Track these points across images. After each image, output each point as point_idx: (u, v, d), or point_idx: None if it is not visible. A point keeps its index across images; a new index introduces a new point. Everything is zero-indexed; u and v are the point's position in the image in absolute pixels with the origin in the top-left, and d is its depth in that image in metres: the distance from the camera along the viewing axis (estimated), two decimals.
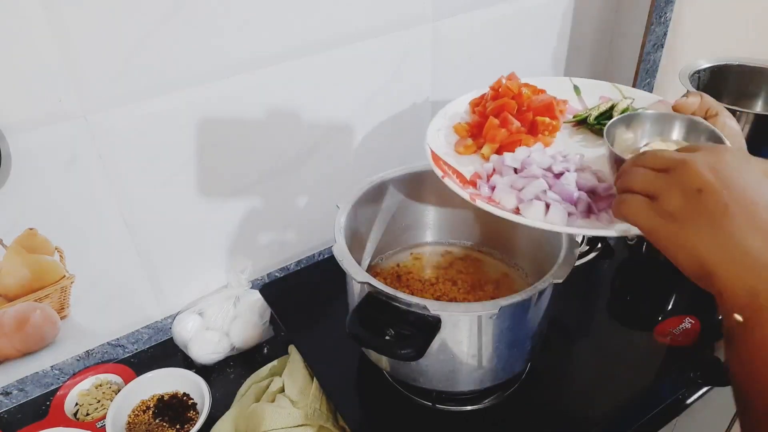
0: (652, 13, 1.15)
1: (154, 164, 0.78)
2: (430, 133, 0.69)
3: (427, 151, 0.66)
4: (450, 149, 0.69)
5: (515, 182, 0.60)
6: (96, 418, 0.80)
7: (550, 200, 0.57)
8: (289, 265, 1.01)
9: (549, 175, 0.60)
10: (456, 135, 0.70)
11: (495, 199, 0.60)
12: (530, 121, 0.68)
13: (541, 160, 0.61)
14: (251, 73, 0.79)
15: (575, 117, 0.71)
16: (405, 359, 0.60)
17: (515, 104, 0.68)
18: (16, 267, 0.74)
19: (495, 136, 0.66)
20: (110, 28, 0.66)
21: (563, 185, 0.57)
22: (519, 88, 0.70)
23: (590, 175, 0.60)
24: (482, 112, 0.70)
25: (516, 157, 0.63)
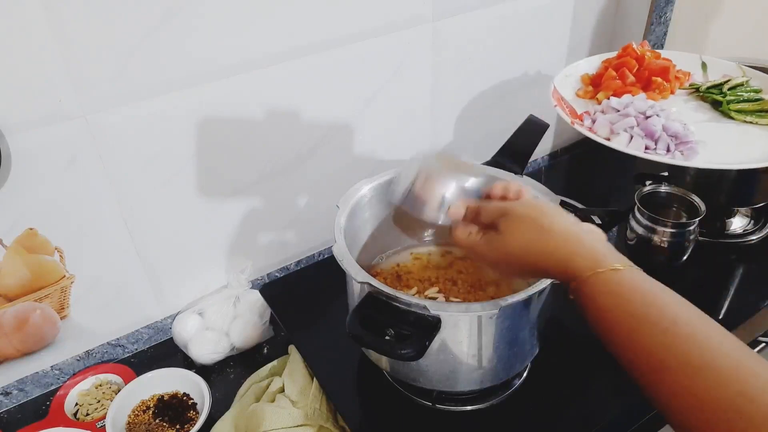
0: (652, 13, 1.15)
1: (154, 164, 0.78)
2: (559, 77, 0.82)
3: (551, 86, 0.78)
4: (572, 93, 0.81)
5: (613, 119, 0.71)
6: (96, 418, 0.80)
7: (635, 134, 0.68)
8: (289, 265, 1.01)
9: (641, 117, 0.70)
10: (581, 83, 0.82)
11: (594, 129, 0.71)
12: (645, 79, 0.78)
13: (640, 105, 0.71)
14: (251, 74, 0.79)
15: (692, 86, 0.80)
16: (405, 359, 0.60)
17: (635, 63, 0.78)
18: (16, 267, 0.74)
19: (610, 85, 0.77)
20: (110, 28, 0.66)
21: (649, 124, 0.68)
22: (644, 52, 0.80)
23: (679, 125, 0.69)
24: (607, 66, 0.82)
25: (621, 101, 0.73)
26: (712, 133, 0.70)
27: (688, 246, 0.92)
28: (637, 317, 0.46)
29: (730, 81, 0.77)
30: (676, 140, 0.68)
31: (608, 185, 1.18)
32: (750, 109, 0.72)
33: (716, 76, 0.81)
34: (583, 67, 0.84)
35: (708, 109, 0.76)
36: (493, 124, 1.11)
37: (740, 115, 0.72)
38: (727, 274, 0.95)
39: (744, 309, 0.87)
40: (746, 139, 0.70)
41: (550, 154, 1.29)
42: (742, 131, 0.72)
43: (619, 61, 0.80)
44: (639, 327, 0.45)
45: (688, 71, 0.82)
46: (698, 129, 0.71)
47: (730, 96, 0.74)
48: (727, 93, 0.75)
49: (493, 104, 1.09)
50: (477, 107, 1.08)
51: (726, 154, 0.67)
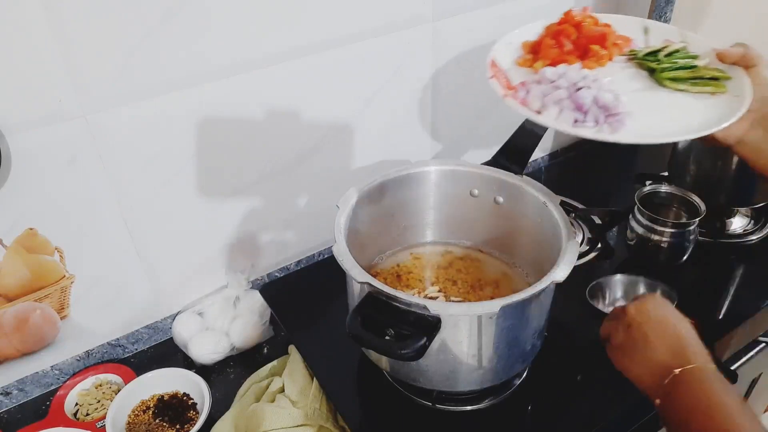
0: (652, 13, 1.15)
1: (154, 164, 0.78)
2: (499, 44, 0.78)
3: (489, 56, 0.75)
4: (512, 62, 0.78)
5: (546, 90, 0.68)
6: (96, 418, 0.80)
7: (564, 107, 0.66)
8: (289, 265, 1.01)
9: (573, 88, 0.68)
10: (522, 50, 0.79)
11: (527, 101, 0.69)
12: (583, 47, 0.76)
13: (573, 76, 0.70)
14: (251, 74, 0.79)
15: (630, 52, 0.77)
16: (405, 359, 0.60)
17: (574, 31, 0.76)
18: (16, 267, 0.74)
19: (548, 53, 0.75)
20: (110, 28, 0.66)
21: (579, 96, 0.66)
22: (584, 18, 0.78)
23: (611, 96, 0.67)
24: (547, 33, 0.79)
25: (555, 71, 0.71)
26: (643, 103, 0.68)
27: (688, 246, 0.92)
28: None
29: (667, 47, 0.75)
30: (606, 112, 0.66)
31: (608, 185, 1.18)
32: (684, 77, 0.70)
33: (659, 41, 0.78)
34: (525, 33, 0.82)
35: (644, 78, 0.73)
36: (493, 124, 1.11)
37: (673, 83, 0.71)
38: (727, 274, 0.95)
39: (744, 309, 0.87)
40: (677, 109, 0.68)
41: (550, 154, 1.29)
42: (674, 100, 0.69)
43: (559, 28, 0.78)
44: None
45: (630, 37, 0.79)
46: (631, 99, 0.68)
47: (665, 63, 0.72)
48: (663, 60, 0.73)
49: (493, 104, 1.09)
50: (477, 107, 1.08)
51: (654, 126, 0.65)
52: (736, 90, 0.68)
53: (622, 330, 0.65)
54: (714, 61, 0.72)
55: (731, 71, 0.70)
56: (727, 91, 0.68)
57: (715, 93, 0.69)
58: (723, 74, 0.70)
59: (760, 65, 0.68)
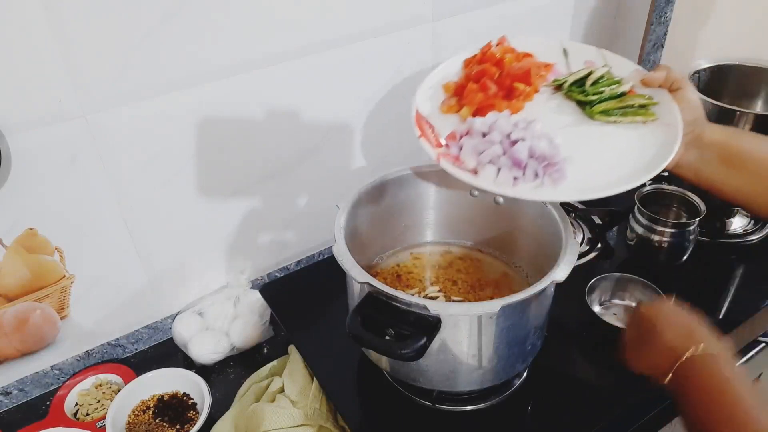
0: (652, 13, 1.15)
1: (154, 164, 0.78)
2: (420, 92, 0.72)
3: (412, 110, 0.69)
4: (437, 108, 0.72)
5: (479, 146, 0.64)
6: (96, 418, 0.80)
7: (502, 165, 0.62)
8: (289, 265, 1.01)
9: (507, 142, 0.64)
10: (445, 93, 0.73)
11: (461, 159, 0.64)
12: (507, 87, 0.71)
13: (505, 126, 0.65)
14: (251, 74, 0.79)
15: (554, 81, 0.74)
16: (405, 359, 0.60)
17: (496, 71, 0.71)
18: (16, 267, 0.74)
19: (473, 99, 0.70)
20: (110, 28, 0.66)
21: (515, 152, 0.62)
22: (503, 53, 0.73)
23: (546, 143, 0.64)
24: (469, 74, 0.73)
25: (485, 121, 0.66)
26: (579, 143, 0.66)
27: (688, 246, 0.92)
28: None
29: (591, 74, 0.72)
30: (544, 162, 0.62)
31: None
32: (613, 108, 0.69)
33: (579, 62, 0.75)
34: (443, 73, 0.75)
35: (573, 109, 0.71)
36: None
37: (604, 117, 0.70)
38: (727, 274, 0.95)
39: (744, 309, 0.87)
40: (612, 148, 0.66)
41: None
42: (608, 134, 0.67)
43: (480, 68, 0.72)
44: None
45: (551, 63, 0.75)
46: (566, 138, 0.66)
47: (592, 94, 0.71)
48: (589, 91, 0.71)
49: None
50: None
51: (594, 173, 0.63)
52: (666, 116, 0.67)
53: (634, 328, 0.66)
54: (638, 83, 0.71)
55: (657, 95, 0.69)
56: (657, 117, 0.67)
57: (646, 121, 0.68)
58: (650, 101, 0.69)
59: (685, 87, 0.68)
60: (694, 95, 0.68)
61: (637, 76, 0.72)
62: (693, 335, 0.59)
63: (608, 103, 0.69)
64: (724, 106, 0.93)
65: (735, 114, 0.93)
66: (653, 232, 0.91)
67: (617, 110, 0.69)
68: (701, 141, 0.67)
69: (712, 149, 0.67)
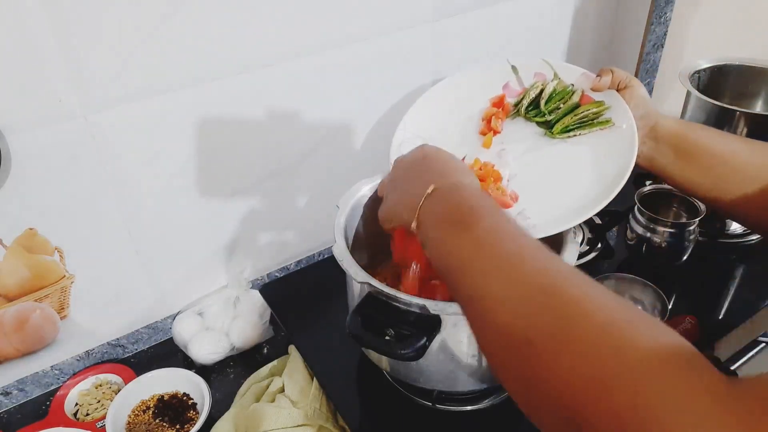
0: (652, 13, 1.15)
1: (154, 164, 0.78)
2: (394, 150, 0.76)
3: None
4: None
5: None
6: (96, 418, 0.80)
7: None
8: (289, 265, 1.01)
9: None
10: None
11: None
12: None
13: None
14: (251, 74, 0.79)
15: (515, 105, 0.77)
16: (405, 359, 0.60)
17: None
18: (16, 267, 0.74)
19: None
20: (110, 28, 0.66)
21: None
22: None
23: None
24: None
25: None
26: (537, 173, 0.70)
27: (688, 246, 0.92)
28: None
29: (543, 91, 0.74)
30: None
31: None
32: (571, 123, 0.71)
33: (529, 75, 0.78)
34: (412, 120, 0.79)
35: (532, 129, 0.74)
36: None
37: (565, 134, 0.71)
38: (727, 274, 0.95)
39: (744, 309, 0.87)
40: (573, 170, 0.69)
41: None
42: (567, 156, 0.70)
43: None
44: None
45: (505, 81, 0.79)
46: (526, 164, 0.71)
47: (549, 114, 0.73)
48: (545, 110, 0.72)
49: None
50: None
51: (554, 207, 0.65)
52: (619, 118, 0.69)
53: (388, 178, 0.61)
54: (587, 88, 0.74)
55: (607, 97, 0.72)
56: (612, 123, 0.70)
57: (604, 128, 0.70)
58: (602, 107, 0.71)
59: (633, 85, 0.70)
60: (642, 90, 0.70)
61: (585, 81, 0.74)
62: (435, 172, 0.53)
63: (565, 119, 0.72)
64: (724, 106, 0.93)
65: (735, 114, 0.93)
66: (653, 232, 0.91)
67: (575, 124, 0.72)
68: (656, 133, 0.69)
69: (667, 141, 0.68)
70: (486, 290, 0.42)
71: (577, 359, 0.35)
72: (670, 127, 0.68)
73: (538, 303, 0.38)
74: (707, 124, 0.97)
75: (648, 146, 0.70)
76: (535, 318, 0.38)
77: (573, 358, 0.35)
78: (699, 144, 0.66)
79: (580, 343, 0.35)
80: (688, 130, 0.68)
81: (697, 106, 0.98)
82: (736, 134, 0.93)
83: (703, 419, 0.29)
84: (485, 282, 0.42)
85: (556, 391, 0.35)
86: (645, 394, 0.31)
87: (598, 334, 0.35)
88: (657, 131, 0.69)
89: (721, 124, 0.94)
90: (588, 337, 0.35)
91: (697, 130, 0.68)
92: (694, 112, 0.99)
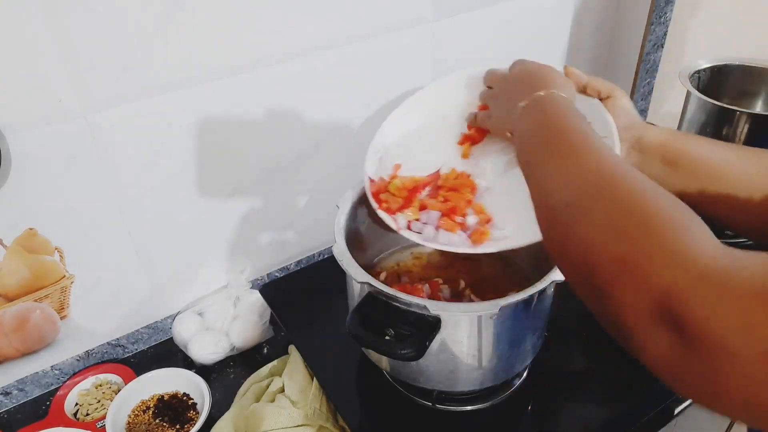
0: (652, 13, 1.15)
1: (154, 164, 0.78)
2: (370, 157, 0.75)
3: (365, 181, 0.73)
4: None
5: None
6: (96, 418, 0.80)
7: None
8: (289, 265, 1.01)
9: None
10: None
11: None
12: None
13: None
14: (251, 74, 0.79)
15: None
16: (405, 359, 0.60)
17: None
18: (16, 267, 0.74)
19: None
20: (110, 28, 0.66)
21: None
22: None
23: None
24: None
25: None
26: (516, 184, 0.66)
27: None
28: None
29: None
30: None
31: None
32: None
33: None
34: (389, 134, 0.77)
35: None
36: None
37: None
38: None
39: None
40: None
41: None
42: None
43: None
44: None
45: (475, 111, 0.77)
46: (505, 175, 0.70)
47: None
48: None
49: None
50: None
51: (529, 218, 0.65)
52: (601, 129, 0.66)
53: (499, 82, 0.67)
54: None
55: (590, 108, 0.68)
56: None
57: None
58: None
59: (615, 95, 0.68)
60: (624, 100, 0.69)
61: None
62: (536, 82, 0.57)
63: None
64: (724, 106, 0.93)
65: (735, 114, 0.93)
66: None
67: None
68: (641, 144, 0.67)
69: (654, 152, 0.66)
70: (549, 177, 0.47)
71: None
72: (656, 137, 0.67)
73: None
74: (707, 124, 0.97)
75: (633, 157, 0.68)
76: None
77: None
78: (686, 151, 0.65)
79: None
80: (675, 139, 0.66)
81: (697, 106, 0.98)
82: (736, 134, 0.93)
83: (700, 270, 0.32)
84: (551, 171, 0.47)
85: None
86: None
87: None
88: (642, 142, 0.67)
89: (721, 124, 0.94)
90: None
91: (684, 138, 0.66)
92: (694, 112, 0.99)
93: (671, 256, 0.34)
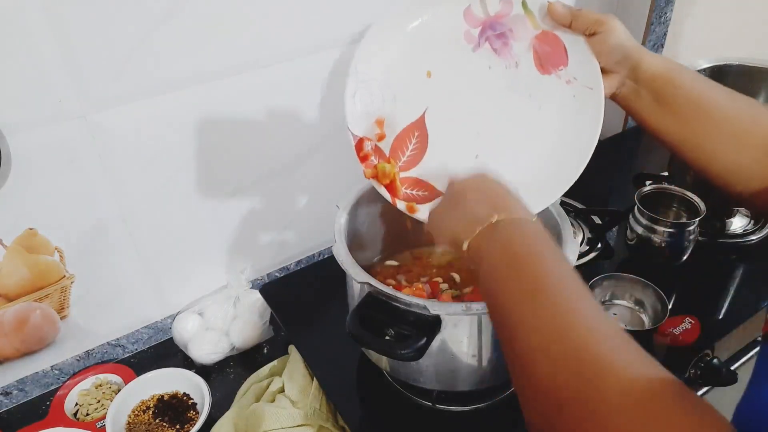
0: (652, 13, 1.15)
1: (153, 164, 0.78)
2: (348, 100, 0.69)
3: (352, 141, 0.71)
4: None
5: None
6: (96, 418, 0.80)
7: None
8: (289, 265, 1.01)
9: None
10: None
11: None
12: None
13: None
14: (251, 74, 0.79)
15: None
16: (405, 359, 0.60)
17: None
18: (16, 267, 0.74)
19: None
20: (110, 28, 0.67)
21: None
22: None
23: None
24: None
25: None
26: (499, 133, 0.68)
27: (688, 246, 0.92)
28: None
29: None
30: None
31: (608, 185, 1.18)
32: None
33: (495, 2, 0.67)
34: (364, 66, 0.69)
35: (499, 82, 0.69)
36: None
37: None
38: (727, 274, 0.95)
39: (744, 309, 0.87)
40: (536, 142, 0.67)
41: None
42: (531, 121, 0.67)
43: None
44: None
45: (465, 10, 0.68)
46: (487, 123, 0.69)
47: None
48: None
49: None
50: None
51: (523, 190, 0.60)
52: (587, 77, 0.63)
53: (444, 198, 0.63)
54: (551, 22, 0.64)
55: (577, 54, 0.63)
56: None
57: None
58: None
59: (604, 30, 0.61)
60: (619, 31, 0.61)
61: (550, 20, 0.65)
62: (500, 203, 0.54)
63: None
64: None
65: None
66: (653, 232, 0.91)
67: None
68: (637, 73, 0.62)
69: (649, 84, 0.62)
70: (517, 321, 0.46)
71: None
72: (655, 68, 0.61)
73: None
74: None
75: (627, 87, 0.63)
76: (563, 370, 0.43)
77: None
78: (682, 91, 0.61)
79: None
80: (673, 74, 0.61)
81: None
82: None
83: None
84: (518, 313, 0.46)
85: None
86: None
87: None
88: (639, 72, 0.62)
89: None
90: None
91: (683, 75, 0.61)
92: None
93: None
